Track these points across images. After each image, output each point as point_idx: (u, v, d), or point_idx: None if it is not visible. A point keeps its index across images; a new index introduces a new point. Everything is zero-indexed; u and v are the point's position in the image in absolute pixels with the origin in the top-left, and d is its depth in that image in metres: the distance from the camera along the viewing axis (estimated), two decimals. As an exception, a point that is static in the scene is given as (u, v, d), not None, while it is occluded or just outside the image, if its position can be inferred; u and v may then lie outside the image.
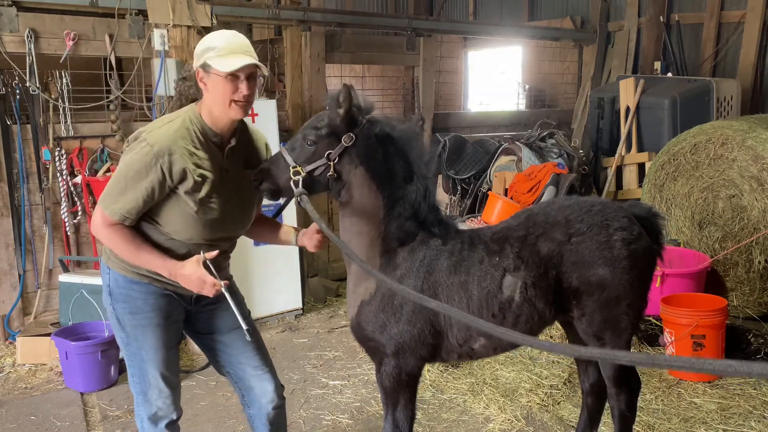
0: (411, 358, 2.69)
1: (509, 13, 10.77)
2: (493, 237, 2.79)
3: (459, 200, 7.47)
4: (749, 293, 5.48)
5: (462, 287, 2.67)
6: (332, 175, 2.59)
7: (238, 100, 2.51)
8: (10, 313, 5.24)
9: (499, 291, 2.68)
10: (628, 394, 3.06)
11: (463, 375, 4.55)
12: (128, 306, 2.62)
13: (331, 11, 7.41)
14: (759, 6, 7.55)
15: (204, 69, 2.51)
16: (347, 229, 2.71)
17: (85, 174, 5.30)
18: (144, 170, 2.43)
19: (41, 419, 4.16)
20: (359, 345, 2.89)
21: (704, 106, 7.08)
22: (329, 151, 2.57)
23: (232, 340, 2.84)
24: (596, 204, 2.89)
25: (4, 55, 4.94)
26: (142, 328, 2.62)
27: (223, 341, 2.85)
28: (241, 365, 2.86)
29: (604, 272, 2.74)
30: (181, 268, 2.50)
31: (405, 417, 2.77)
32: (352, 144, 2.57)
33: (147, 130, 2.52)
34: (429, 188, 2.71)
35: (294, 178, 2.56)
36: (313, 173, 2.59)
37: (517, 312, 2.71)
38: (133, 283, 2.61)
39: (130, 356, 2.68)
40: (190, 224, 2.56)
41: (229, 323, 2.80)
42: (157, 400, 2.69)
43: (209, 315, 2.83)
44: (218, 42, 2.51)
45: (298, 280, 5.97)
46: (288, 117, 6.54)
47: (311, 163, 2.59)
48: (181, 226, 2.56)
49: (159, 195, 2.48)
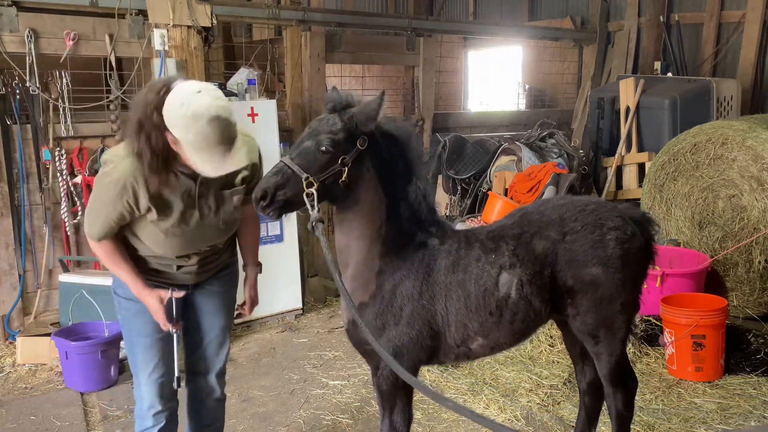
0: (408, 361, 2.67)
1: (509, 13, 10.77)
2: (488, 235, 2.79)
3: (459, 200, 7.47)
4: (749, 293, 5.47)
5: (460, 285, 2.66)
6: (344, 181, 2.49)
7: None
8: (10, 313, 5.23)
9: (496, 288, 2.68)
10: (625, 394, 3.06)
11: (463, 375, 4.55)
12: (125, 291, 2.77)
13: (331, 11, 7.41)
14: (759, 6, 7.55)
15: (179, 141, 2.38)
16: (346, 233, 2.65)
17: (85, 174, 5.30)
18: (111, 202, 2.52)
19: (41, 419, 4.16)
20: (356, 349, 2.88)
21: (704, 106, 7.08)
22: (344, 156, 2.47)
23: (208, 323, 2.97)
24: (590, 203, 2.89)
25: (4, 55, 4.94)
26: (135, 314, 2.78)
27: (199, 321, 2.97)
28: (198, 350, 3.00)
29: (598, 271, 2.75)
30: (147, 296, 2.67)
31: (402, 420, 2.76)
32: (366, 147, 2.51)
33: (115, 157, 2.50)
34: (427, 189, 2.70)
35: (307, 190, 2.42)
36: (324, 181, 2.46)
37: (514, 309, 2.71)
38: None
39: (126, 339, 2.86)
40: (166, 242, 2.64)
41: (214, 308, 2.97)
42: (143, 384, 2.84)
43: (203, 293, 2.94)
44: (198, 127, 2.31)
45: (298, 280, 5.97)
46: (288, 117, 6.54)
47: (325, 170, 2.46)
48: (156, 244, 2.65)
49: (131, 218, 2.58)
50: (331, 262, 2.45)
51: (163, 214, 2.56)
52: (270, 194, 2.43)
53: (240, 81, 5.60)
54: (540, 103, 9.94)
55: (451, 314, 2.67)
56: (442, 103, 10.62)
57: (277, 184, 2.44)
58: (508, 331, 2.76)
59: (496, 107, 11.33)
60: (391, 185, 2.60)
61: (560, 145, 7.69)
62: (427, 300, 2.64)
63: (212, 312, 2.96)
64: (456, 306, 2.66)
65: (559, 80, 9.79)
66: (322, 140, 2.46)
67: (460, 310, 2.66)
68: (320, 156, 2.46)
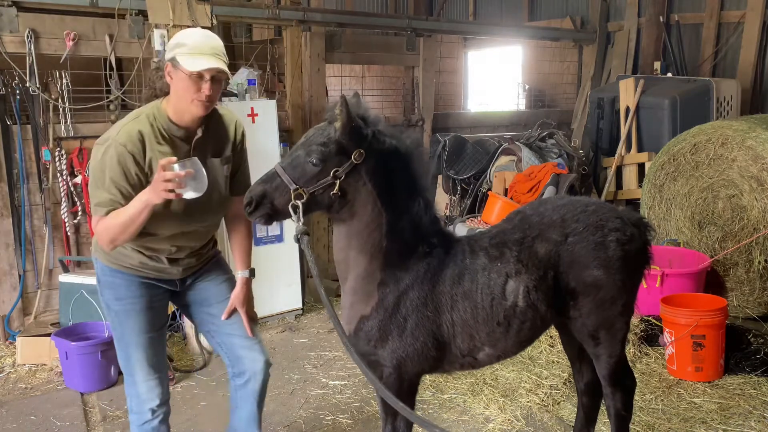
0: (412, 371, 2.65)
1: (509, 13, 10.77)
2: (491, 243, 2.74)
3: (459, 200, 7.47)
4: (749, 293, 5.48)
5: (466, 296, 2.62)
6: (336, 194, 2.44)
7: (200, 100, 2.57)
8: (10, 313, 5.23)
9: (503, 297, 2.64)
10: (623, 393, 3.05)
11: (463, 375, 4.55)
12: (113, 292, 2.80)
13: (331, 11, 7.42)
14: (759, 6, 7.56)
15: (172, 63, 2.58)
16: (345, 245, 2.60)
17: (85, 174, 5.30)
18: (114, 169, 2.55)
19: (41, 419, 4.16)
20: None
21: (704, 106, 7.08)
22: (336, 169, 2.42)
23: (220, 311, 2.95)
24: (590, 204, 2.88)
25: (4, 55, 4.94)
26: (126, 313, 2.79)
27: (212, 313, 2.97)
28: (229, 336, 2.97)
29: (599, 273, 2.73)
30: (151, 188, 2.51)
31: (405, 425, 2.75)
32: (362, 161, 2.45)
33: (113, 129, 2.63)
34: (430, 201, 2.67)
35: (294, 201, 2.41)
36: (314, 193, 2.43)
37: (522, 318, 2.67)
38: (117, 272, 2.78)
39: (118, 340, 2.87)
40: (158, 216, 2.62)
41: (218, 296, 2.96)
42: (140, 383, 2.86)
43: (198, 289, 2.97)
44: (190, 40, 2.58)
45: (298, 280, 5.98)
46: (288, 117, 6.54)
47: (315, 183, 2.42)
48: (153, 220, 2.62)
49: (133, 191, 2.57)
50: (317, 277, 2.39)
51: None
52: (255, 202, 2.45)
53: (240, 81, 5.60)
54: (540, 104, 9.95)
55: (457, 325, 2.63)
56: (442, 103, 10.62)
57: (264, 192, 2.45)
58: (516, 340, 2.73)
59: (496, 107, 11.34)
60: (391, 199, 2.54)
61: (560, 146, 7.70)
62: (431, 311, 2.60)
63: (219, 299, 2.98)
64: (462, 316, 2.62)
65: (559, 80, 9.79)
66: (312, 151, 2.44)
67: (467, 321, 2.62)
68: (309, 168, 2.43)
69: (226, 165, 2.82)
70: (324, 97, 6.79)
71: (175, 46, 2.57)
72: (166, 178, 2.41)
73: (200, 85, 2.55)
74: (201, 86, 2.55)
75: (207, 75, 2.55)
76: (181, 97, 2.59)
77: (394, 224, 2.55)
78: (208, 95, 2.57)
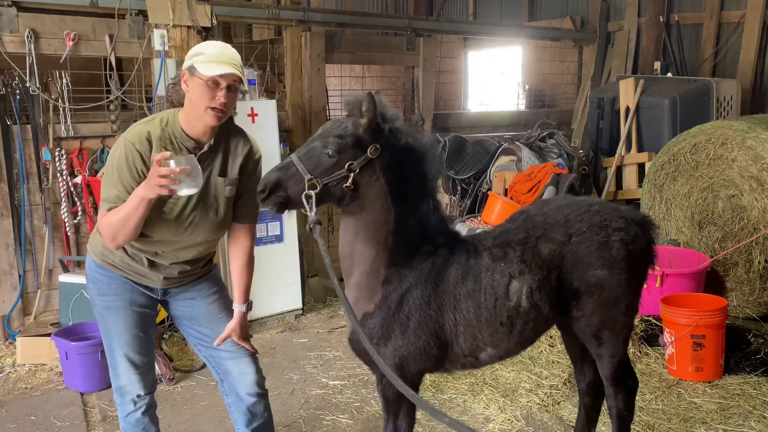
0: (414, 370, 2.65)
1: (509, 13, 10.77)
2: (495, 242, 2.74)
3: (459, 200, 7.47)
4: (749, 293, 5.48)
5: (469, 296, 2.63)
6: (349, 187, 2.45)
7: (214, 107, 2.56)
8: (10, 313, 5.24)
9: (507, 298, 2.64)
10: (625, 394, 3.05)
11: (463, 375, 4.55)
12: (97, 288, 2.87)
13: (331, 11, 7.41)
14: (759, 6, 7.55)
15: (189, 71, 2.59)
16: (351, 239, 2.61)
17: (85, 174, 5.31)
18: (124, 165, 2.59)
19: (41, 419, 4.16)
20: (358, 358, 2.84)
21: (704, 106, 7.08)
22: (351, 162, 2.44)
23: (211, 331, 2.95)
24: (594, 203, 2.88)
25: (4, 55, 4.94)
26: (107, 310, 2.85)
27: (202, 331, 2.97)
28: (217, 350, 2.96)
29: (603, 273, 2.73)
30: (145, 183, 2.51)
31: (406, 425, 2.75)
32: (377, 156, 2.46)
33: (129, 129, 2.70)
34: (438, 202, 2.67)
35: (308, 191, 2.42)
36: (327, 184, 2.45)
37: (525, 318, 2.67)
38: (101, 268, 2.83)
39: (102, 333, 2.93)
40: (154, 223, 2.64)
41: (209, 315, 2.96)
42: (123, 376, 2.89)
43: (186, 305, 2.96)
44: (209, 50, 2.60)
45: (298, 280, 5.97)
46: (288, 117, 6.54)
47: (330, 174, 2.44)
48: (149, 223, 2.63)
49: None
50: (329, 266, 2.39)
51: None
52: (269, 189, 2.46)
53: (240, 81, 5.59)
54: (540, 104, 9.94)
55: (460, 325, 2.63)
56: (442, 103, 10.62)
57: (279, 180, 2.46)
58: (518, 340, 2.73)
59: (495, 107, 11.34)
60: (402, 197, 2.54)
61: (560, 146, 7.69)
62: (435, 310, 2.60)
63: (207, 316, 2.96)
64: (465, 316, 2.62)
65: (559, 80, 9.79)
66: (328, 143, 2.45)
67: (470, 321, 2.62)
68: (325, 159, 2.44)
69: (230, 186, 2.77)
70: (324, 97, 6.79)
71: (194, 55, 2.60)
72: (161, 173, 2.40)
73: (215, 92, 2.54)
74: (216, 94, 2.54)
75: (223, 82, 2.54)
76: (196, 105, 2.57)
77: (402, 221, 2.56)
78: (223, 102, 2.55)
